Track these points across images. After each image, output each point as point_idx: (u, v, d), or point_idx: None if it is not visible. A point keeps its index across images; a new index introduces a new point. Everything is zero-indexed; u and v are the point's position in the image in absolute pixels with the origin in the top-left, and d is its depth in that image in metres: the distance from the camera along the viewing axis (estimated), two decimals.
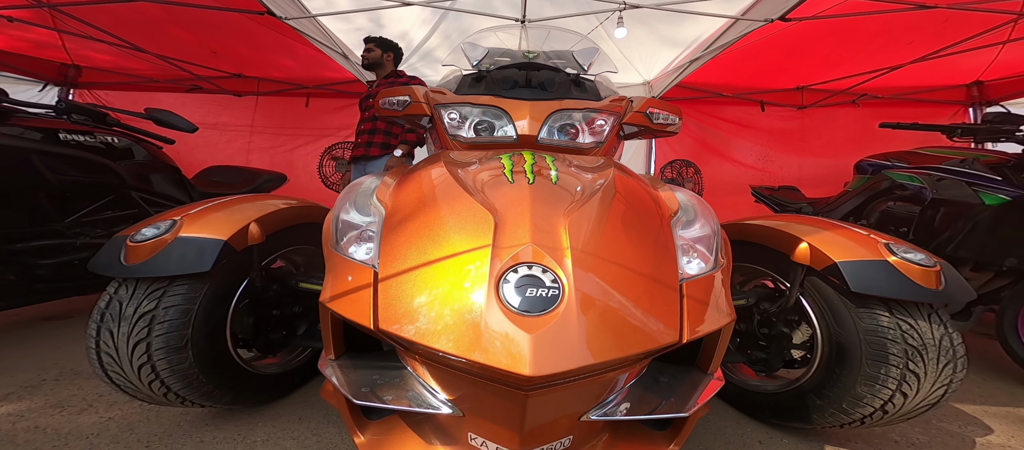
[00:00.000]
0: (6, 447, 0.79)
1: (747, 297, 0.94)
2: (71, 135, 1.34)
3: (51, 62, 3.18)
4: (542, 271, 0.49)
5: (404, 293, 0.51)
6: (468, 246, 0.52)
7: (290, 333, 0.99)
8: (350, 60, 2.97)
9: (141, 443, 0.81)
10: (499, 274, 0.49)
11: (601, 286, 0.50)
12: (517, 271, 0.49)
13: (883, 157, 1.70)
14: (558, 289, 0.48)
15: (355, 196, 0.77)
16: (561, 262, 0.50)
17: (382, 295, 0.52)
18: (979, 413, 1.10)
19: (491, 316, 0.45)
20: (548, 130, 0.95)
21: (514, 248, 0.51)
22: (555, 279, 0.48)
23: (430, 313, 0.48)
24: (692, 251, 0.65)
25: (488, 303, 0.46)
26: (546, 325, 0.44)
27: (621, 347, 0.46)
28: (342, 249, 0.65)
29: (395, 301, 0.51)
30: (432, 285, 0.50)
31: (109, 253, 0.74)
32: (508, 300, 0.47)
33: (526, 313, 0.46)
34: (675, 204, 0.73)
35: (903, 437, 0.94)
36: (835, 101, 3.39)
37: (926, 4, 1.95)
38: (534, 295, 0.47)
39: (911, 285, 0.68)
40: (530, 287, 0.47)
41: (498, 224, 0.55)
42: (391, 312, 0.50)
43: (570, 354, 0.43)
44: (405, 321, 0.48)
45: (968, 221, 1.28)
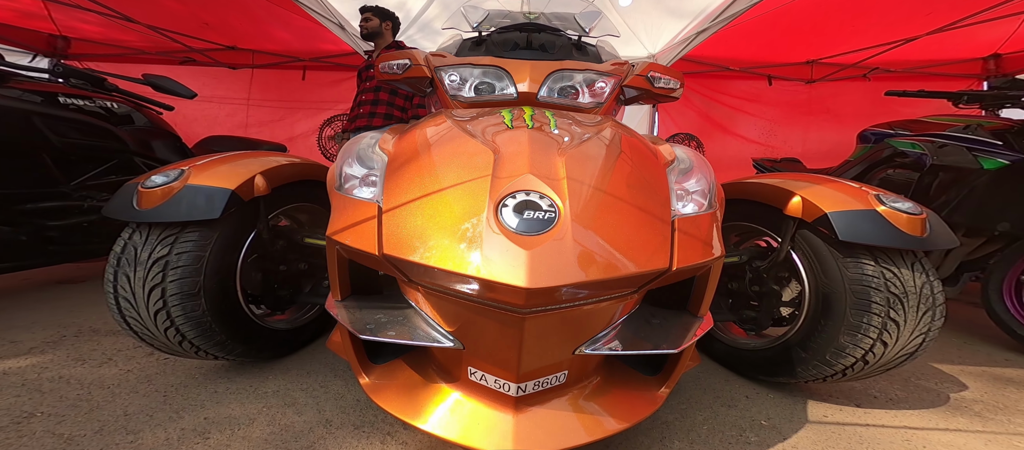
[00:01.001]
0: (33, 395, 0.84)
1: (740, 255, 0.96)
2: (71, 99, 1.34)
3: (39, 33, 3.09)
4: (539, 197, 0.51)
5: (407, 222, 0.53)
6: (468, 177, 0.54)
7: (297, 290, 1.03)
8: (347, 31, 2.88)
9: (159, 393, 0.86)
10: (498, 199, 0.51)
11: (596, 212, 0.52)
12: (515, 197, 0.51)
13: (886, 126, 1.67)
14: (554, 213, 0.50)
15: (358, 148, 0.78)
16: (558, 189, 0.52)
17: (386, 225, 0.54)
18: (956, 372, 1.15)
19: (491, 236, 0.47)
20: (548, 89, 0.95)
21: (513, 177, 0.52)
22: (552, 204, 0.50)
23: (432, 237, 0.50)
24: (686, 197, 0.67)
25: (488, 225, 0.48)
26: (542, 243, 0.47)
27: (614, 267, 0.48)
28: (347, 191, 0.66)
29: (399, 229, 0.53)
30: (434, 213, 0.52)
31: (122, 198, 0.77)
32: (507, 222, 0.49)
33: (524, 233, 0.48)
34: (672, 155, 0.74)
35: (882, 393, 0.98)
36: (845, 75, 3.29)
37: None
38: (532, 217, 0.49)
39: (897, 233, 0.71)
40: (528, 210, 0.49)
41: (498, 159, 0.56)
42: (395, 239, 0.52)
43: (565, 270, 0.45)
44: (409, 247, 0.50)
45: (965, 186, 1.28)
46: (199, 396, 0.86)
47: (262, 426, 0.76)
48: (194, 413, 0.79)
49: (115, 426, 0.74)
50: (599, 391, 0.60)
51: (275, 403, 0.84)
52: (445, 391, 0.58)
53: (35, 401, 0.81)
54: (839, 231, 0.73)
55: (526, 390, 0.53)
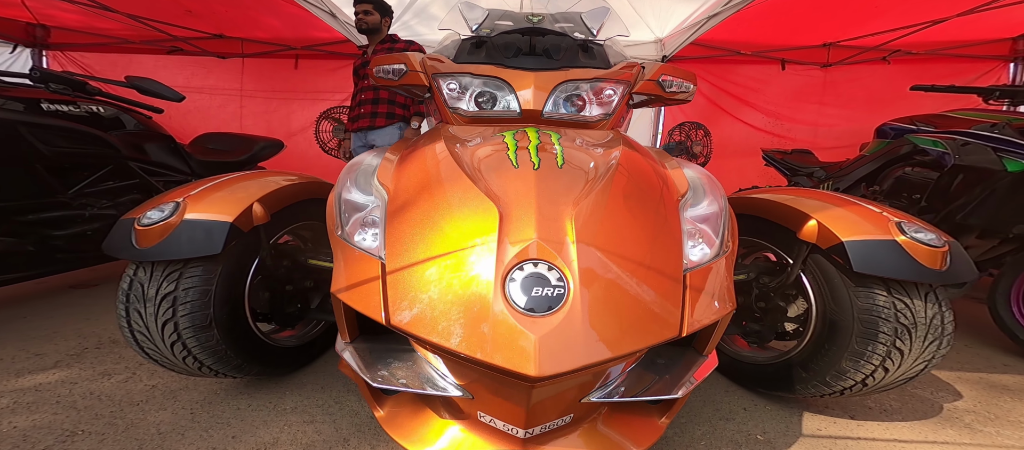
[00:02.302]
0: (70, 412, 0.88)
1: (747, 271, 0.95)
2: (54, 105, 1.30)
3: (16, 21, 2.95)
4: (548, 268, 0.50)
5: (412, 288, 0.53)
6: (473, 241, 0.53)
7: (305, 306, 1.04)
8: (338, 19, 2.74)
9: (185, 410, 0.90)
10: (505, 272, 0.50)
11: (605, 282, 0.51)
12: (523, 268, 0.50)
13: (908, 121, 1.60)
14: (563, 288, 0.49)
15: (356, 176, 0.76)
16: (566, 258, 0.50)
17: (391, 290, 0.54)
18: (953, 379, 1.17)
19: (498, 316, 0.47)
20: (553, 103, 0.89)
21: (520, 244, 0.51)
22: (561, 277, 0.49)
23: (438, 311, 0.50)
24: (698, 235, 0.65)
25: (495, 303, 0.48)
26: (551, 326, 0.46)
27: (623, 345, 0.48)
28: (347, 235, 0.65)
29: (404, 296, 0.53)
30: (439, 281, 0.52)
31: (120, 236, 0.76)
32: (514, 299, 0.48)
33: (531, 312, 0.47)
34: (684, 185, 0.72)
35: (877, 404, 1.01)
36: (864, 58, 3.14)
37: None
38: (540, 294, 0.48)
39: (915, 265, 0.68)
40: (536, 286, 0.48)
41: (503, 216, 0.54)
42: (401, 308, 0.52)
43: (574, 354, 0.45)
44: (415, 318, 0.50)
45: (986, 188, 1.25)
46: (224, 413, 0.90)
47: (285, 445, 0.80)
48: (221, 431, 0.83)
49: (153, 444, 0.78)
50: (604, 425, 0.62)
51: (295, 421, 0.88)
52: (456, 427, 0.61)
53: (73, 419, 0.85)
54: (854, 262, 0.71)
55: (534, 432, 0.55)
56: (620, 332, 0.49)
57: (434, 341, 0.48)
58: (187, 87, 3.34)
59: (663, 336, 0.51)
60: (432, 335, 0.49)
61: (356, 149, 2.07)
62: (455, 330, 0.48)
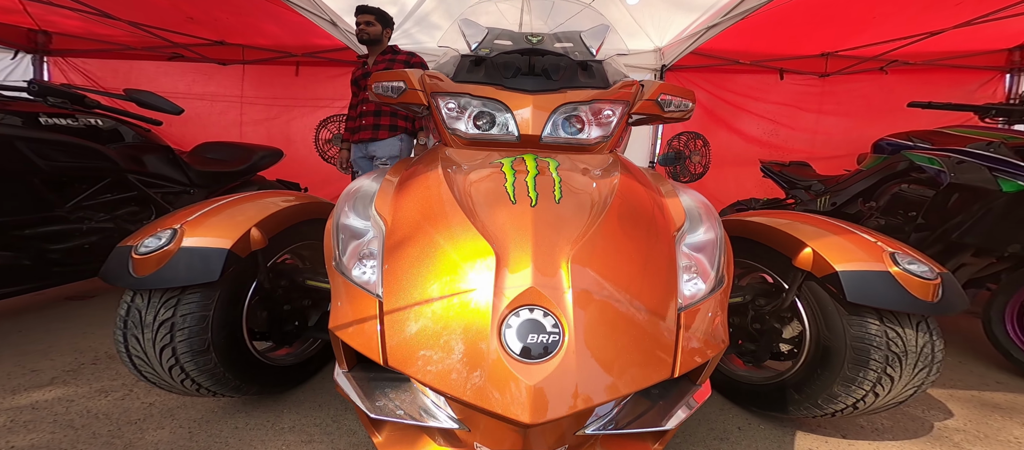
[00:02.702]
0: (67, 431, 0.88)
1: (744, 293, 0.96)
2: (52, 119, 1.30)
3: (17, 27, 2.96)
4: (543, 314, 0.50)
5: (409, 330, 0.53)
6: (470, 285, 0.53)
7: (302, 324, 1.04)
8: (339, 28, 2.75)
9: (183, 428, 0.91)
10: (501, 318, 0.50)
11: (600, 328, 0.52)
12: (519, 314, 0.50)
13: (904, 137, 1.62)
14: (558, 334, 0.49)
15: (354, 203, 0.77)
16: (561, 304, 0.51)
17: (388, 330, 0.54)
18: (945, 397, 1.18)
19: (493, 362, 0.48)
20: (552, 126, 0.90)
21: (516, 289, 0.52)
22: (556, 323, 0.50)
23: (435, 354, 0.50)
24: (694, 268, 0.66)
25: (490, 349, 0.49)
26: (545, 373, 0.47)
27: (616, 389, 0.49)
28: (345, 268, 0.66)
29: (401, 337, 0.53)
30: (436, 325, 0.52)
31: (117, 264, 0.76)
32: (509, 346, 0.49)
33: (526, 359, 0.48)
34: (681, 216, 0.72)
35: (869, 423, 1.02)
36: (862, 68, 3.16)
37: None
38: (535, 341, 0.49)
39: (908, 297, 0.69)
40: (531, 333, 0.49)
41: (499, 259, 0.55)
42: (398, 349, 0.53)
43: (566, 401, 0.46)
44: (412, 360, 0.51)
45: (981, 208, 1.26)
46: (222, 432, 0.90)
47: None
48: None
49: None
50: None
51: (293, 440, 0.89)
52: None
53: (71, 438, 0.85)
54: (848, 292, 0.72)
55: None
56: (613, 377, 0.50)
57: (431, 384, 0.49)
58: (188, 94, 3.35)
59: (655, 378, 0.52)
60: (429, 378, 0.49)
61: (356, 160, 2.06)
62: (452, 374, 0.49)
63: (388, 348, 0.53)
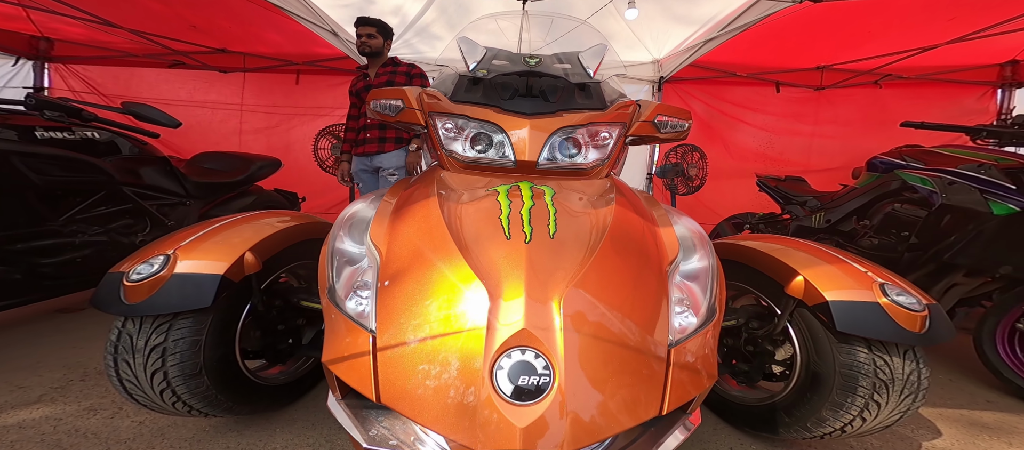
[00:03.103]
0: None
1: (737, 316, 0.97)
2: (48, 132, 1.29)
3: (20, 34, 2.98)
4: (535, 356, 0.51)
5: (402, 368, 0.54)
6: (464, 325, 0.54)
7: (296, 342, 1.03)
8: (340, 38, 2.77)
9: (174, 448, 0.90)
10: (493, 360, 0.51)
11: (590, 369, 0.52)
12: (511, 355, 0.51)
13: (897, 155, 1.63)
14: (549, 376, 0.50)
15: (350, 230, 0.77)
16: (552, 346, 0.52)
17: (382, 368, 0.55)
18: (934, 415, 1.18)
19: (485, 404, 0.48)
20: (548, 152, 0.90)
21: (508, 330, 0.52)
22: (547, 365, 0.51)
23: (428, 393, 0.51)
24: (686, 302, 0.66)
25: (482, 390, 0.49)
26: (535, 416, 0.48)
27: (605, 430, 0.50)
28: (339, 299, 0.66)
29: (394, 375, 0.54)
30: (429, 364, 0.53)
31: (108, 291, 0.75)
32: (501, 388, 0.50)
33: (517, 401, 0.49)
34: (674, 247, 0.73)
35: (859, 443, 1.02)
36: (857, 82, 3.20)
37: None
38: (526, 383, 0.50)
39: (896, 328, 0.71)
40: (522, 374, 0.50)
41: (493, 298, 0.55)
42: (391, 386, 0.53)
43: (556, 442, 0.47)
44: (405, 398, 0.52)
45: (972, 229, 1.27)
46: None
47: None
48: None
49: None
50: None
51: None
52: None
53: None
54: (838, 321, 0.74)
55: None
56: (602, 417, 0.50)
57: (423, 423, 0.50)
58: (189, 101, 3.37)
59: (643, 417, 0.53)
60: (421, 417, 0.50)
61: (358, 173, 2.03)
62: (444, 415, 0.49)
63: (381, 384, 0.54)
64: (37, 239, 1.29)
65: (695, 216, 3.32)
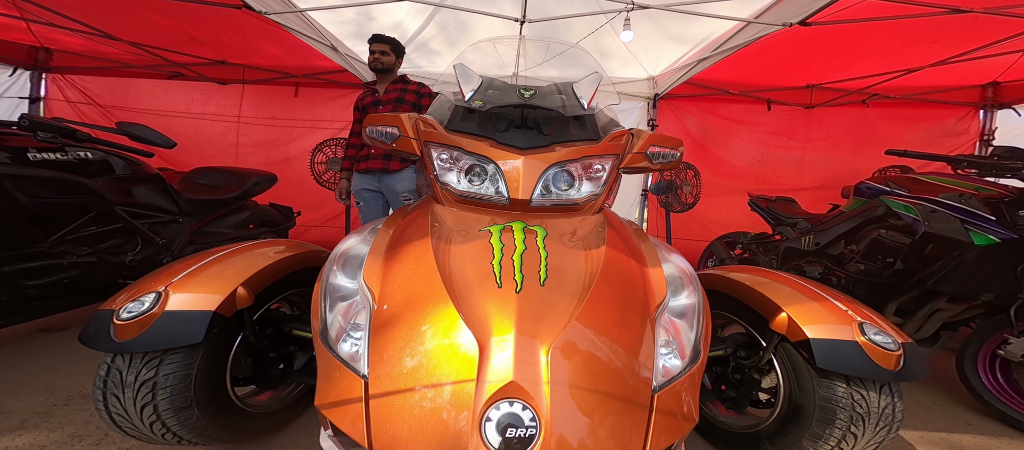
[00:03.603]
0: None
1: (725, 346, 0.99)
2: (41, 153, 1.29)
3: (19, 44, 2.98)
4: (522, 407, 0.53)
5: (394, 416, 0.55)
6: (454, 376, 0.56)
7: (288, 367, 1.03)
8: (339, 52, 2.81)
9: None
10: (482, 411, 0.53)
11: (575, 420, 0.54)
12: (499, 407, 0.53)
13: (882, 182, 1.69)
14: (535, 428, 0.52)
15: (343, 267, 0.77)
16: (539, 399, 0.53)
17: (374, 415, 0.56)
18: (915, 439, 1.20)
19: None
20: (541, 189, 0.91)
21: (498, 383, 0.54)
22: (533, 417, 0.52)
23: (418, 444, 0.52)
24: (671, 344, 0.68)
25: (471, 441, 0.51)
26: None
27: None
28: (331, 342, 0.67)
29: (385, 422, 0.55)
30: (420, 414, 0.54)
31: (97, 329, 0.74)
32: (489, 439, 0.51)
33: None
34: (662, 290, 0.74)
35: None
36: (845, 101, 3.28)
37: (960, 9, 1.84)
38: (513, 436, 0.51)
39: (872, 365, 0.75)
40: (510, 426, 0.52)
41: (482, 350, 0.57)
42: (383, 433, 0.54)
43: None
44: (396, 446, 0.53)
45: (954, 258, 1.32)
46: None
47: None
48: None
49: None
50: None
51: None
52: None
53: None
54: (818, 358, 0.77)
55: None
56: None
57: None
58: (187, 113, 3.37)
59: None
60: None
61: (359, 191, 1.97)
62: None
63: (373, 431, 0.55)
64: (24, 261, 1.27)
65: (689, 233, 3.33)
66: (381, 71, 1.96)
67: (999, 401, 1.33)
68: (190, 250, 1.80)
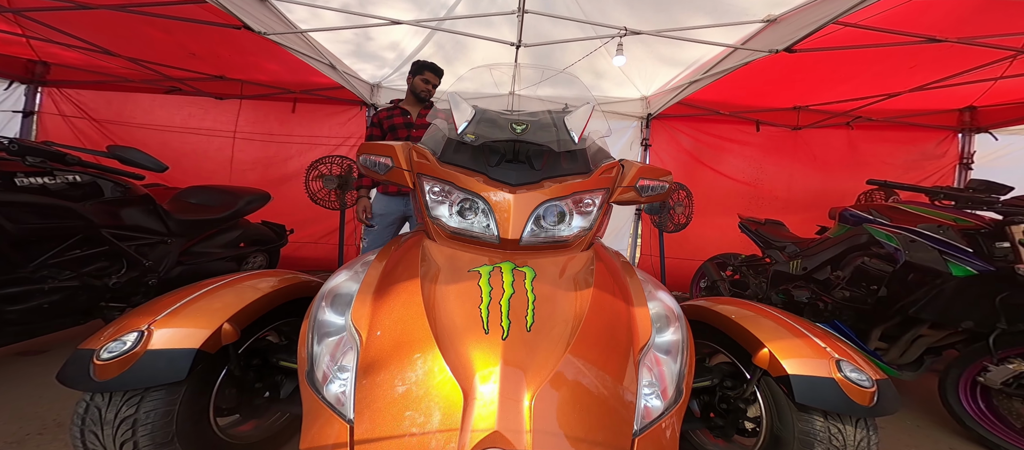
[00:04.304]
0: None
1: (711, 376, 1.01)
2: (28, 178, 1.27)
3: (16, 59, 2.98)
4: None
5: None
6: (439, 425, 0.56)
7: (273, 394, 1.00)
8: (338, 70, 2.85)
9: None
10: None
11: None
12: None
13: (866, 210, 1.74)
14: None
15: (332, 303, 0.78)
16: (522, 448, 0.54)
17: None
18: None
19: None
20: (532, 225, 0.91)
21: (482, 432, 0.55)
22: None
23: None
24: (654, 385, 0.70)
25: None
26: None
27: None
28: (318, 384, 0.67)
29: None
30: None
31: (77, 368, 0.73)
32: None
33: None
34: (647, 331, 0.76)
35: None
36: (831, 123, 3.39)
37: (936, 38, 1.93)
38: None
39: (848, 402, 0.78)
40: None
41: (467, 399, 0.58)
42: None
43: None
44: None
45: (934, 288, 1.36)
46: None
47: None
48: None
49: None
50: None
51: None
52: None
53: None
54: (797, 394, 0.80)
55: None
56: None
57: None
58: (183, 128, 3.37)
59: None
60: None
61: (381, 215, 1.92)
62: None
63: None
64: (4, 287, 1.25)
65: (682, 251, 3.36)
66: (424, 100, 1.98)
67: (981, 426, 1.36)
68: (178, 271, 1.78)
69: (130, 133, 3.28)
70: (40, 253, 1.33)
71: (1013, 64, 2.34)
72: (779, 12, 2.08)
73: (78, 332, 1.66)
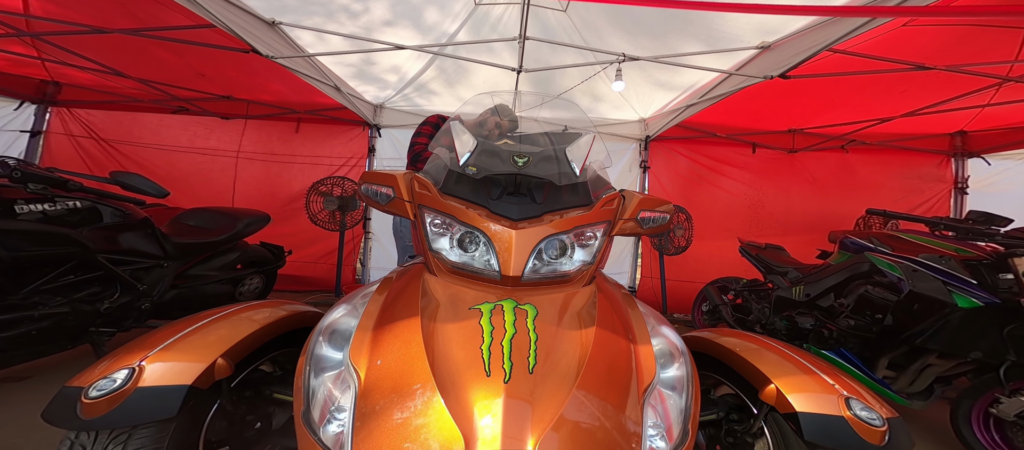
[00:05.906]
0: None
1: (717, 409, 0.99)
2: (28, 205, 1.26)
3: (29, 79, 3.06)
4: None
5: None
6: None
7: (265, 426, 0.97)
8: (342, 92, 2.91)
9: None
10: None
11: None
12: None
13: (866, 238, 1.73)
14: None
15: (330, 340, 0.76)
16: None
17: None
18: None
19: None
20: (534, 260, 0.90)
21: None
22: None
23: None
24: (659, 426, 0.68)
25: None
26: None
27: None
28: (314, 426, 0.65)
29: None
30: None
31: (62, 407, 0.71)
32: None
33: None
34: (651, 370, 0.74)
35: None
36: (826, 146, 3.44)
37: (924, 65, 1.99)
38: None
39: (859, 441, 0.76)
40: None
41: (468, 446, 0.56)
42: None
43: None
44: None
45: (941, 318, 1.34)
46: None
47: None
48: None
49: None
50: None
51: None
52: None
53: None
54: (806, 432, 0.78)
55: None
56: None
57: None
58: (189, 147, 3.41)
59: None
60: None
61: (405, 233, 1.92)
62: None
63: None
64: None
65: (682, 274, 3.34)
66: None
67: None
68: (172, 294, 1.75)
69: (136, 152, 3.33)
70: (33, 280, 1.31)
71: (999, 91, 2.41)
72: (772, 39, 2.16)
73: (64, 358, 1.62)
